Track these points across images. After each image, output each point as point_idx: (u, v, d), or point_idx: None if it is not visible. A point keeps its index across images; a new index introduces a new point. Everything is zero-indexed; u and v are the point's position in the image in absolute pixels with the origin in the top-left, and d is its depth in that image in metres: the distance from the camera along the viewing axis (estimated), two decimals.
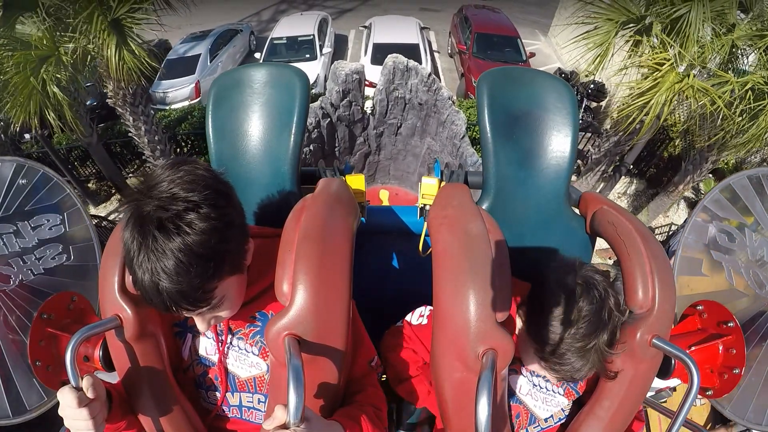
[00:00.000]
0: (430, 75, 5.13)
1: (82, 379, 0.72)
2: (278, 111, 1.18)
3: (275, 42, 9.77)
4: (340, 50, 11.60)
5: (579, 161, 6.24)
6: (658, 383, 1.07)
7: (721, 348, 1.07)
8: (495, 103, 1.18)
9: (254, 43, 11.75)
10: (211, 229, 0.68)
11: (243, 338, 0.91)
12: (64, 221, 1.40)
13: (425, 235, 1.28)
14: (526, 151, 1.19)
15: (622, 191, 7.16)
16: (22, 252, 1.33)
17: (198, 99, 9.05)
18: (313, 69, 8.93)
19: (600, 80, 8.50)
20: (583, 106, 8.48)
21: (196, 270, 0.67)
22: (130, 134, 5.56)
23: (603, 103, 8.91)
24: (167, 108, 8.09)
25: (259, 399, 0.94)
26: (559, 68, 10.07)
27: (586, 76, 8.61)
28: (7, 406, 1.22)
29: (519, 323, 1.01)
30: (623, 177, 6.55)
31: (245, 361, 0.92)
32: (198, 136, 7.01)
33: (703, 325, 1.14)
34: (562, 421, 1.06)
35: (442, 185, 1.20)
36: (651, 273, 0.87)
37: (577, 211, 1.21)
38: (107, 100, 5.36)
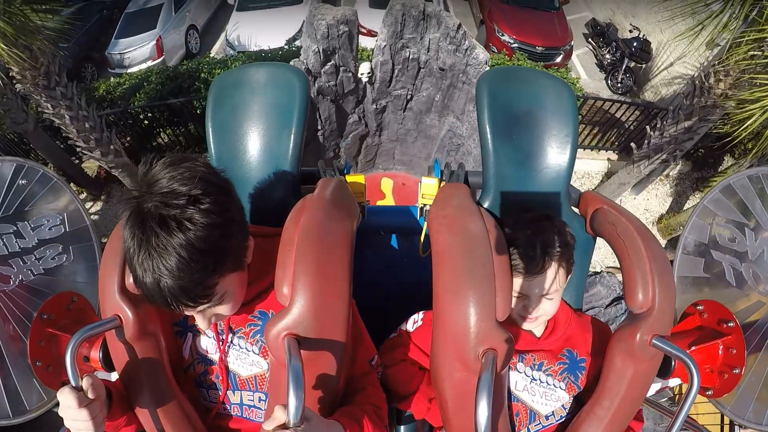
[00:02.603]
0: (459, 27, 3.45)
1: (82, 379, 0.72)
2: (278, 111, 1.18)
3: None
4: None
5: (633, 144, 4.84)
6: (658, 383, 1.07)
7: (721, 348, 1.07)
8: (495, 102, 1.18)
9: None
10: (212, 224, 0.68)
11: (243, 337, 0.91)
12: (64, 221, 1.40)
13: (425, 235, 1.28)
14: (526, 151, 1.19)
15: (665, 174, 6.15)
16: (22, 252, 1.33)
17: (161, 58, 7.59)
18: (296, 16, 7.20)
19: (643, 36, 7.40)
20: (624, 66, 7.44)
21: (197, 265, 0.67)
22: (56, 124, 4.27)
23: (644, 66, 7.66)
24: (123, 73, 6.69)
25: (259, 397, 0.94)
26: (593, 19, 8.58)
27: (630, 32, 7.52)
28: (7, 406, 1.22)
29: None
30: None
31: (246, 359, 0.92)
32: (156, 109, 5.64)
33: (703, 325, 1.14)
34: (563, 420, 1.06)
35: (442, 185, 1.20)
36: (651, 273, 0.87)
37: (577, 211, 1.21)
38: (17, 86, 4.02)
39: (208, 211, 0.68)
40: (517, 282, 0.93)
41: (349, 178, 1.23)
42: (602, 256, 5.31)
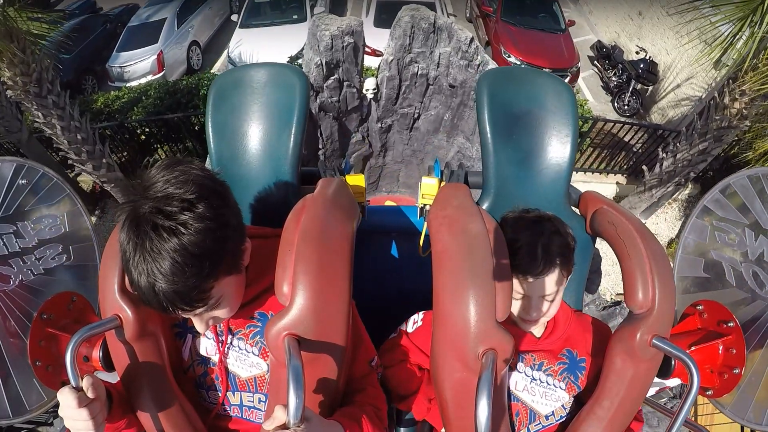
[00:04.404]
0: (471, 40, 3.22)
1: (82, 379, 0.72)
2: (278, 111, 1.18)
3: (257, 0, 8.15)
4: (336, 13, 9.41)
5: (644, 167, 4.61)
6: (658, 383, 1.07)
7: (721, 348, 1.07)
8: (495, 102, 1.18)
9: (237, 4, 9.85)
10: (206, 228, 0.68)
11: (243, 338, 0.91)
12: (64, 221, 1.40)
13: (425, 235, 1.28)
14: (526, 151, 1.19)
15: (674, 197, 6.01)
16: (22, 252, 1.33)
17: (161, 73, 7.49)
18: (299, 33, 6.93)
19: (649, 58, 7.29)
20: (630, 89, 7.34)
21: (191, 270, 0.67)
22: (47, 134, 4.12)
23: (650, 88, 7.52)
24: (122, 87, 6.61)
25: (259, 398, 0.94)
26: (599, 41, 8.51)
27: (637, 53, 7.35)
28: (7, 406, 1.22)
29: None
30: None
31: (245, 361, 0.92)
32: (153, 124, 5.43)
33: (703, 325, 1.14)
34: (563, 420, 1.06)
35: (442, 185, 1.20)
36: (651, 273, 0.87)
37: (577, 211, 1.21)
38: (7, 92, 3.93)
39: (201, 215, 0.68)
40: (519, 283, 0.93)
41: (350, 179, 1.24)
42: (612, 282, 5.07)
